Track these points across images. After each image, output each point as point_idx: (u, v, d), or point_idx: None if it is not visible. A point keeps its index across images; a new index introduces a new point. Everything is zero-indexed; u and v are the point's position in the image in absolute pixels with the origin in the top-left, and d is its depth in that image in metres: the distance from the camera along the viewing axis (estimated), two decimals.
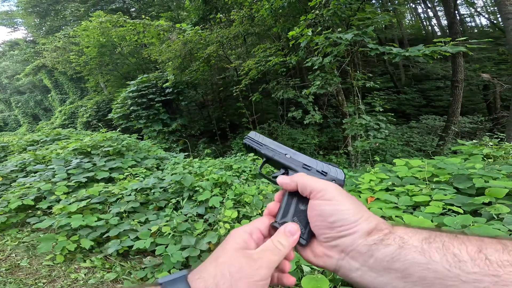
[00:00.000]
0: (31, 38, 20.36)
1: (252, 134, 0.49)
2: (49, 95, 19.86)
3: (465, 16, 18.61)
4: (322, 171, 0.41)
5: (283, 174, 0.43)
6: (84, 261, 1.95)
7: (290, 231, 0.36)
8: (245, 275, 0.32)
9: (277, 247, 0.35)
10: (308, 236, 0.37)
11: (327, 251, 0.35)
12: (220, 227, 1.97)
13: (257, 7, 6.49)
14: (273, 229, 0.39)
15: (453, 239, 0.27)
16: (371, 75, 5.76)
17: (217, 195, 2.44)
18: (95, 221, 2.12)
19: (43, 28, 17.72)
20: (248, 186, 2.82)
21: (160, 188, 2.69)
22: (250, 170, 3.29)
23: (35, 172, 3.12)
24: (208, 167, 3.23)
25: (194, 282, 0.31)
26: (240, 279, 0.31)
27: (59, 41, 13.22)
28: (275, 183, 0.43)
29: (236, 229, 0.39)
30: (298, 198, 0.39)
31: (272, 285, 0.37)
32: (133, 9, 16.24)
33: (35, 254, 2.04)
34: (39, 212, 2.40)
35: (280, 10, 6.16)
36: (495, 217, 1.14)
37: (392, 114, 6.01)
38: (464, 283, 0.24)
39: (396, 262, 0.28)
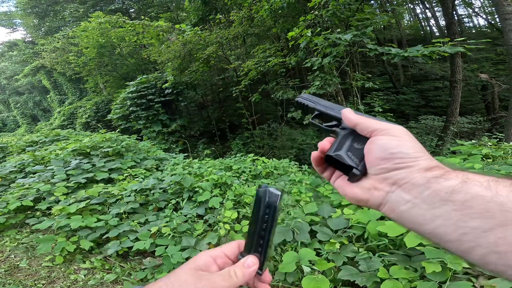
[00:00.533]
0: (30, 39, 20.32)
1: (304, 94, 0.52)
2: (48, 96, 19.82)
3: (463, 16, 18.74)
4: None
5: (335, 125, 0.44)
6: (84, 262, 1.94)
7: (248, 264, 0.37)
8: None
9: (230, 275, 0.35)
10: (363, 168, 0.37)
11: (377, 183, 0.34)
12: (220, 228, 1.97)
13: (257, 7, 6.51)
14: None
15: None
16: (370, 75, 5.78)
17: (217, 196, 2.44)
18: (95, 222, 2.12)
19: (42, 29, 17.71)
20: (248, 186, 2.82)
21: (160, 189, 2.69)
22: (250, 171, 3.29)
23: (34, 173, 3.11)
24: (208, 167, 3.23)
25: None
26: None
27: (58, 42, 13.21)
28: (326, 130, 0.44)
29: (202, 252, 0.40)
30: (353, 138, 0.40)
31: None
32: (132, 10, 16.25)
33: (34, 255, 2.04)
34: (38, 213, 2.39)
35: (280, 11, 6.17)
36: None
37: (391, 115, 6.02)
38: None
39: (456, 194, 0.27)
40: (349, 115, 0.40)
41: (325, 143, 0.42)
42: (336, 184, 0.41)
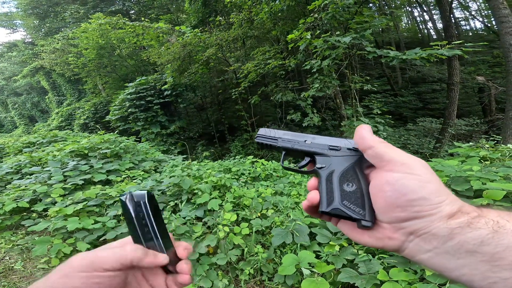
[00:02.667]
0: (30, 40, 20.31)
1: (262, 131, 0.46)
2: (46, 97, 19.74)
3: (460, 19, 18.96)
4: (353, 148, 0.38)
5: (309, 161, 0.40)
6: None
7: (155, 253, 0.35)
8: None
9: (135, 249, 0.34)
10: (371, 215, 0.32)
11: (391, 233, 0.30)
12: (219, 230, 1.96)
13: (257, 10, 6.55)
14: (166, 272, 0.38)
15: None
16: (368, 78, 5.82)
17: (216, 198, 2.43)
18: (92, 224, 2.09)
19: (42, 29, 17.72)
20: (247, 188, 2.81)
21: (158, 190, 2.67)
22: (249, 173, 3.29)
23: (31, 174, 3.08)
24: (207, 169, 3.21)
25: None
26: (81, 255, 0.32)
27: (58, 43, 13.21)
28: (303, 173, 0.40)
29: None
30: (340, 178, 0.35)
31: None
32: (132, 12, 16.31)
33: (30, 257, 2.01)
34: (34, 214, 2.36)
35: (279, 14, 6.22)
36: None
37: (390, 117, 6.05)
38: None
39: (486, 246, 0.25)
40: (365, 134, 0.34)
41: (314, 196, 0.36)
42: (341, 227, 0.36)
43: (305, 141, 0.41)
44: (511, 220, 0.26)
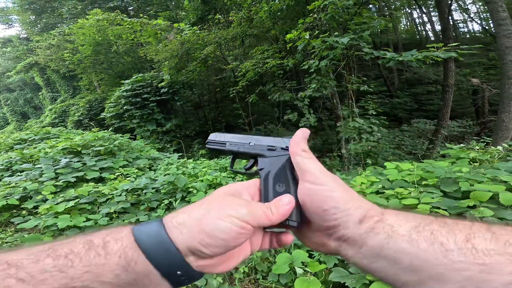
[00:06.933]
0: (25, 35, 19.90)
1: (212, 136, 0.47)
2: (40, 93, 19.40)
3: (458, 21, 19.16)
4: (286, 146, 0.39)
5: (253, 163, 0.42)
6: None
7: (284, 201, 0.35)
8: (222, 205, 0.31)
9: (268, 208, 0.34)
10: (298, 216, 0.35)
11: (325, 239, 0.34)
12: None
13: (256, 9, 6.52)
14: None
15: (442, 227, 0.27)
16: (365, 78, 5.84)
17: None
18: (83, 222, 2.07)
19: (39, 25, 17.39)
20: None
21: (152, 188, 2.65)
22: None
23: (22, 171, 3.03)
24: (202, 168, 3.20)
25: (169, 218, 0.31)
26: (215, 208, 0.31)
27: (54, 39, 12.97)
28: (250, 174, 0.42)
29: (234, 183, 0.39)
30: (274, 178, 0.37)
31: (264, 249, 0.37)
32: (131, 8, 16.08)
33: None
34: (24, 212, 2.33)
35: (279, 13, 6.20)
36: (479, 220, 1.17)
37: (385, 118, 6.10)
38: (450, 271, 0.25)
39: (386, 250, 0.28)
40: (297, 139, 0.36)
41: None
42: (294, 232, 0.39)
43: (249, 143, 0.42)
44: (404, 224, 0.29)
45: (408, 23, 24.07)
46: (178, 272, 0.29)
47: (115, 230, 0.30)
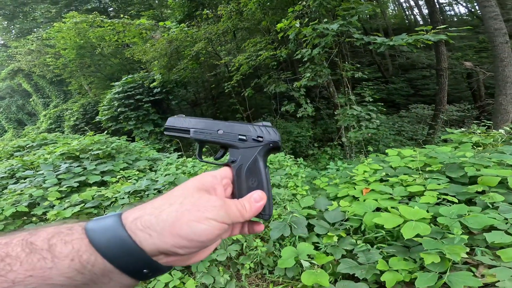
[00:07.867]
0: (2, 42, 19.24)
1: (171, 120, 0.41)
2: (31, 100, 19.02)
3: (444, 4, 18.89)
4: (258, 136, 0.38)
5: (224, 153, 0.39)
6: None
7: (255, 198, 0.35)
8: (197, 206, 0.30)
9: (242, 206, 0.34)
10: (271, 210, 0.36)
11: None
12: None
13: (245, 1, 6.35)
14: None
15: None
16: (359, 65, 5.78)
17: None
18: None
19: (13, 31, 16.77)
20: None
21: (154, 189, 2.65)
22: None
23: (25, 178, 3.03)
24: (202, 166, 3.18)
25: (130, 218, 0.30)
26: (189, 210, 0.29)
27: (32, 44, 12.56)
28: (220, 165, 0.39)
29: (205, 173, 0.36)
30: (246, 174, 0.36)
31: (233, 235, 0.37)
32: (111, 9, 15.52)
33: None
34: (34, 218, 2.35)
35: (268, 3, 6.05)
36: (490, 206, 1.16)
37: (382, 104, 6.08)
38: None
39: None
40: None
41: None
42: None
43: (217, 131, 0.39)
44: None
45: (396, 8, 23.72)
46: (145, 270, 0.29)
47: (61, 230, 0.28)
